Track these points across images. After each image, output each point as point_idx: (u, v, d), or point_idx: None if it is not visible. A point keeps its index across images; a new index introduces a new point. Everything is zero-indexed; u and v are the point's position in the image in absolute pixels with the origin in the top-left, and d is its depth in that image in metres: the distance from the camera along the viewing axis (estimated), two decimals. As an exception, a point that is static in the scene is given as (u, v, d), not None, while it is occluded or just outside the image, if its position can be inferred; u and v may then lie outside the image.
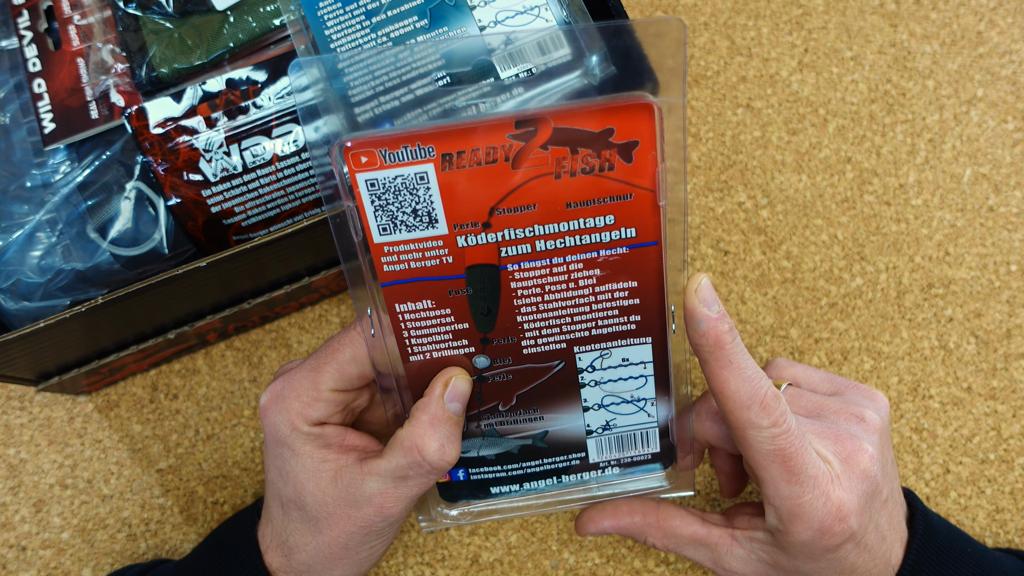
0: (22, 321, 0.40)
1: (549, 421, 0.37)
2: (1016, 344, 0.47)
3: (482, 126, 0.31)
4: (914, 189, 0.49)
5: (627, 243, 0.33)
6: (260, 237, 0.38)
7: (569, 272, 0.33)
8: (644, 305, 0.34)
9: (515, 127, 0.31)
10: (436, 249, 0.32)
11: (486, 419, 0.37)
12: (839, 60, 0.51)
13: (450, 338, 0.34)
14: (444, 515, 0.39)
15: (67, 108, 0.40)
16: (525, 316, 0.34)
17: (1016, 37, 0.52)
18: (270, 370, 0.48)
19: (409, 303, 0.33)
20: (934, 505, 0.45)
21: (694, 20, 0.52)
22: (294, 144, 0.38)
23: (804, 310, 0.48)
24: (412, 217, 0.32)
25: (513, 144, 0.31)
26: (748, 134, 0.50)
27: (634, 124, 0.31)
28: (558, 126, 0.31)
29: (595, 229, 0.33)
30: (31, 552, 0.45)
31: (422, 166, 0.31)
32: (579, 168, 0.31)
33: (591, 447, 0.38)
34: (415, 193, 0.31)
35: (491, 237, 0.32)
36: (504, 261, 0.33)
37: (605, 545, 0.45)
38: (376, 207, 0.32)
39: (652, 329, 0.35)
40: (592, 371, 0.36)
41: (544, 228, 0.32)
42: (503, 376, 0.35)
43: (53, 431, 0.47)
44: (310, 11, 0.38)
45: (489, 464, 0.38)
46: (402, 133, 0.31)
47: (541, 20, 0.38)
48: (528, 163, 0.31)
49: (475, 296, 0.33)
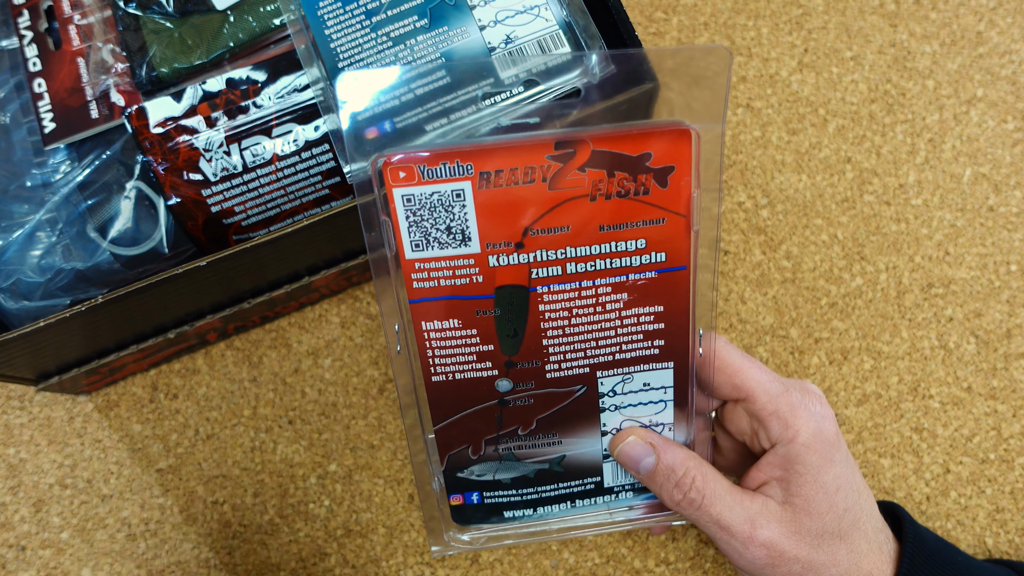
0: (22, 321, 0.40)
1: (567, 446, 0.36)
2: (1016, 344, 0.47)
3: (522, 146, 0.31)
4: (914, 189, 0.49)
5: (656, 267, 0.33)
6: (260, 237, 0.38)
7: (597, 295, 0.33)
8: (669, 330, 0.34)
9: (554, 148, 0.31)
10: (467, 268, 0.32)
11: (504, 443, 0.36)
12: (839, 60, 0.52)
13: (474, 359, 0.34)
14: (456, 539, 0.38)
15: (67, 108, 0.40)
16: (551, 340, 0.34)
17: (1016, 37, 0.52)
18: (270, 370, 0.48)
19: (436, 321, 0.33)
20: (934, 504, 0.45)
21: (694, 20, 0.52)
22: (294, 144, 0.38)
23: (804, 310, 0.48)
24: (445, 234, 0.32)
25: (551, 165, 0.31)
26: (748, 134, 0.50)
27: (672, 149, 0.31)
28: (597, 149, 0.31)
29: (626, 253, 0.32)
30: (31, 552, 0.45)
31: (459, 183, 0.31)
32: (615, 191, 0.31)
33: (607, 471, 0.37)
34: (450, 210, 0.31)
35: (523, 258, 0.32)
36: (534, 283, 0.32)
37: (605, 545, 0.45)
38: (411, 223, 0.31)
39: (675, 354, 0.35)
40: (613, 395, 0.35)
41: (576, 251, 0.32)
42: (524, 400, 0.35)
43: (53, 431, 0.47)
44: (310, 11, 0.38)
45: (504, 488, 0.37)
46: (442, 150, 0.31)
47: (541, 20, 0.38)
48: (565, 184, 0.31)
49: (502, 317, 0.33)
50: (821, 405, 0.36)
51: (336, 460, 0.46)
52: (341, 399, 0.47)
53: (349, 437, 0.46)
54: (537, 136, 0.31)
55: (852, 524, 0.36)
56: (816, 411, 0.36)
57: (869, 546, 0.36)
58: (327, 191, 0.40)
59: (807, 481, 0.35)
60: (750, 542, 0.35)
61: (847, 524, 0.35)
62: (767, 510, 0.35)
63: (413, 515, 0.45)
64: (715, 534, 0.35)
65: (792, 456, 0.35)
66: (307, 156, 0.39)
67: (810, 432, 0.35)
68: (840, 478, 0.35)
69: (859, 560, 0.36)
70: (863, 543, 0.36)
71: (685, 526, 0.45)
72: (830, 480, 0.35)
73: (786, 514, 0.35)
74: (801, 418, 0.35)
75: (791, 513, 0.35)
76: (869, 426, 0.46)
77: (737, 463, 0.39)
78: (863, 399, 0.46)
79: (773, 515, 0.35)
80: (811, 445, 0.35)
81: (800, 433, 0.35)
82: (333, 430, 0.47)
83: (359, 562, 0.45)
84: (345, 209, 0.37)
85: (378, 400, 0.47)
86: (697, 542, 0.44)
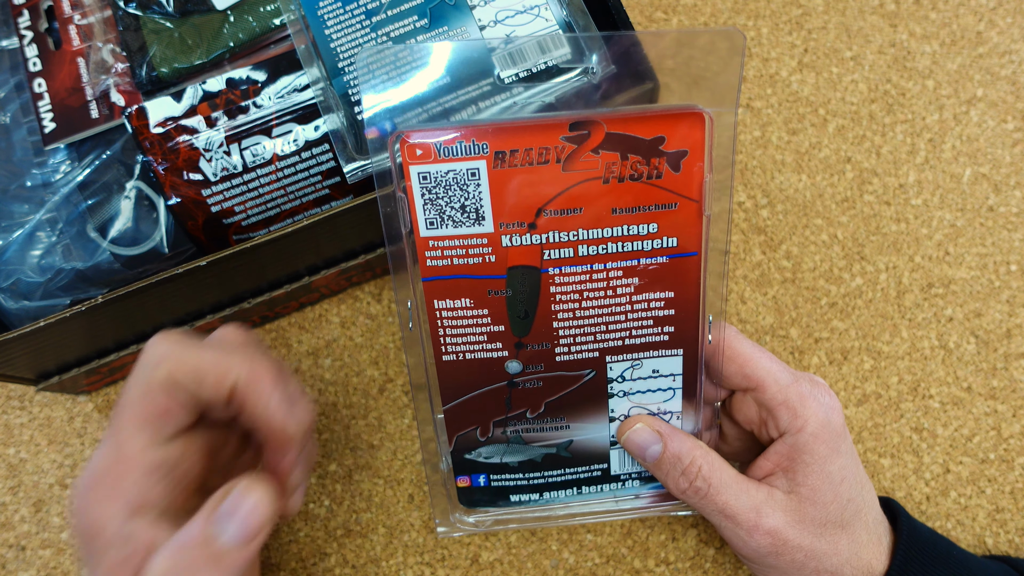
0: (22, 321, 0.40)
1: (575, 431, 0.36)
2: (1016, 344, 0.47)
3: (537, 125, 0.31)
4: (914, 189, 0.49)
5: (668, 252, 0.33)
6: (260, 237, 0.38)
7: (608, 279, 0.33)
8: (679, 316, 0.34)
9: (569, 129, 0.31)
10: (480, 247, 0.32)
11: (512, 425, 0.36)
12: (839, 60, 0.52)
13: (485, 339, 0.34)
14: (462, 521, 0.38)
15: (67, 108, 0.40)
16: (561, 322, 0.34)
17: (1016, 37, 0.52)
18: (270, 370, 0.48)
19: (448, 300, 0.33)
20: (934, 504, 0.45)
21: (694, 20, 0.52)
22: (294, 144, 0.38)
23: (804, 310, 0.48)
24: (460, 213, 0.32)
25: (566, 146, 0.31)
26: (748, 134, 0.50)
27: (685, 133, 0.31)
28: (611, 131, 0.31)
29: (638, 237, 0.32)
30: (31, 552, 0.45)
31: (475, 162, 0.31)
32: (628, 174, 0.31)
33: (613, 459, 0.37)
34: (465, 189, 0.31)
35: (535, 239, 0.32)
36: (546, 264, 0.33)
37: (605, 545, 0.45)
38: (426, 200, 0.32)
39: (684, 341, 0.35)
40: (622, 381, 0.35)
41: (588, 233, 0.32)
42: (534, 383, 0.35)
43: (53, 431, 0.47)
44: (310, 11, 0.38)
45: (511, 471, 0.37)
46: (459, 128, 0.31)
47: (541, 20, 0.38)
48: (578, 166, 0.31)
49: (514, 298, 0.33)
50: (829, 396, 0.36)
51: (336, 460, 0.46)
52: (341, 399, 0.47)
53: (349, 437, 0.46)
54: (553, 117, 0.31)
55: (854, 514, 0.36)
56: (825, 401, 0.36)
57: (869, 537, 0.36)
58: (327, 191, 0.40)
59: (813, 471, 0.35)
60: (755, 530, 0.35)
61: (849, 514, 0.36)
62: (772, 499, 0.35)
63: (413, 515, 0.45)
64: (720, 522, 0.36)
65: (800, 446, 0.35)
66: (307, 156, 0.39)
67: (819, 422, 0.35)
68: (845, 469, 0.36)
69: (859, 550, 0.36)
70: (863, 534, 0.36)
71: (685, 527, 0.45)
72: (836, 470, 0.35)
73: (791, 503, 0.35)
74: (810, 408, 0.35)
75: (796, 502, 0.35)
76: (869, 426, 0.46)
77: (742, 451, 0.39)
78: (863, 399, 0.46)
79: (778, 504, 0.35)
80: (819, 435, 0.35)
81: (809, 423, 0.35)
82: (333, 430, 0.47)
83: (359, 562, 0.45)
84: (345, 209, 0.37)
85: (378, 400, 0.47)
86: (697, 542, 0.44)
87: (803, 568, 0.35)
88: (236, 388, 0.29)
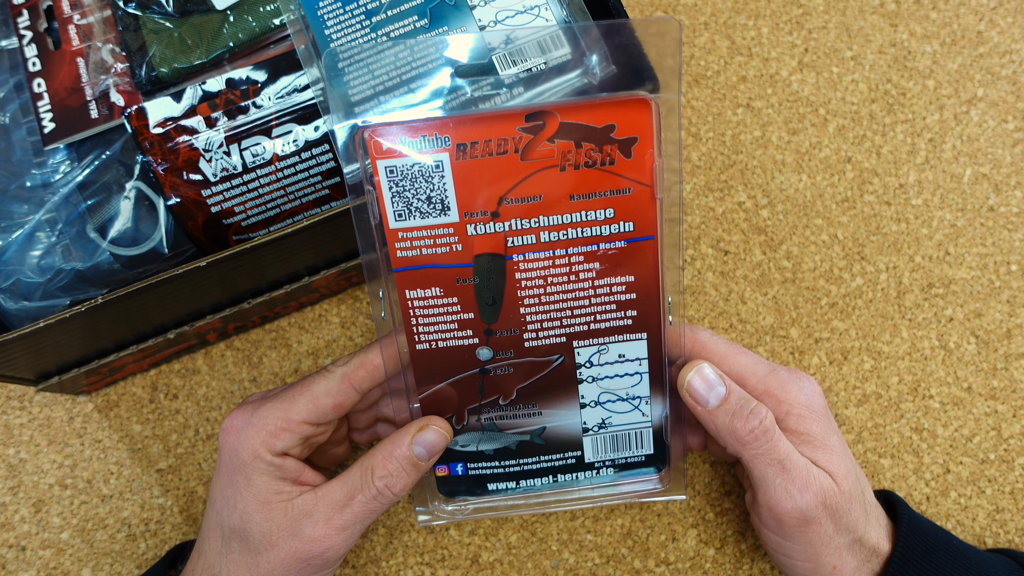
0: (22, 321, 0.40)
1: (547, 417, 0.37)
2: (1016, 344, 0.47)
3: (495, 117, 0.32)
4: (914, 189, 0.49)
5: (625, 236, 0.34)
6: (260, 237, 0.37)
7: (571, 264, 0.34)
8: (640, 300, 0.35)
9: (525, 120, 0.32)
10: (447, 236, 0.33)
11: (486, 412, 0.37)
12: (839, 60, 0.51)
13: (456, 327, 0.35)
14: (441, 509, 0.39)
15: (67, 108, 0.40)
16: (528, 308, 0.35)
17: (1016, 37, 0.52)
18: (270, 370, 0.48)
19: (419, 290, 0.34)
20: (934, 505, 0.45)
21: (694, 20, 0.52)
22: (294, 144, 0.38)
23: (804, 310, 0.48)
24: (426, 204, 0.33)
25: (523, 136, 0.32)
26: (748, 134, 0.50)
27: (633, 120, 0.32)
28: (564, 120, 0.32)
29: (596, 222, 0.34)
30: (31, 552, 0.45)
31: (438, 155, 0.32)
32: (582, 161, 0.33)
33: (587, 446, 0.38)
34: (430, 181, 0.33)
35: (499, 227, 0.33)
36: (510, 251, 0.34)
37: (605, 545, 0.45)
38: (393, 193, 0.33)
39: (648, 325, 0.36)
40: (590, 366, 0.36)
41: (548, 219, 0.33)
42: (504, 369, 0.36)
43: (53, 431, 0.47)
44: (310, 11, 0.38)
45: (488, 459, 0.38)
46: (420, 123, 0.32)
47: (541, 20, 0.38)
48: (536, 155, 0.33)
49: (481, 285, 0.34)
50: (808, 382, 0.37)
51: (336, 460, 0.46)
52: (341, 399, 0.47)
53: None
54: (508, 109, 0.33)
55: (861, 493, 0.36)
56: (805, 386, 0.36)
57: (867, 518, 0.36)
58: (327, 191, 0.40)
59: (817, 447, 0.36)
60: (807, 487, 0.34)
61: (858, 491, 0.36)
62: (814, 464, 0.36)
63: (413, 515, 0.45)
64: (767, 475, 0.35)
65: (791, 428, 0.36)
66: (307, 156, 0.38)
67: (802, 404, 0.36)
68: (842, 444, 0.37)
69: (868, 529, 0.36)
70: (870, 512, 0.37)
71: (685, 527, 0.45)
72: (836, 444, 0.36)
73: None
74: (791, 392, 0.36)
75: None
76: (869, 426, 0.46)
77: (728, 453, 0.40)
78: (863, 399, 0.46)
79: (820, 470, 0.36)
80: (806, 415, 0.36)
81: (794, 406, 0.36)
82: (333, 430, 0.47)
83: (359, 562, 0.45)
84: (345, 209, 0.37)
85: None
86: (697, 542, 0.44)
87: (828, 544, 0.35)
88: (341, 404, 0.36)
